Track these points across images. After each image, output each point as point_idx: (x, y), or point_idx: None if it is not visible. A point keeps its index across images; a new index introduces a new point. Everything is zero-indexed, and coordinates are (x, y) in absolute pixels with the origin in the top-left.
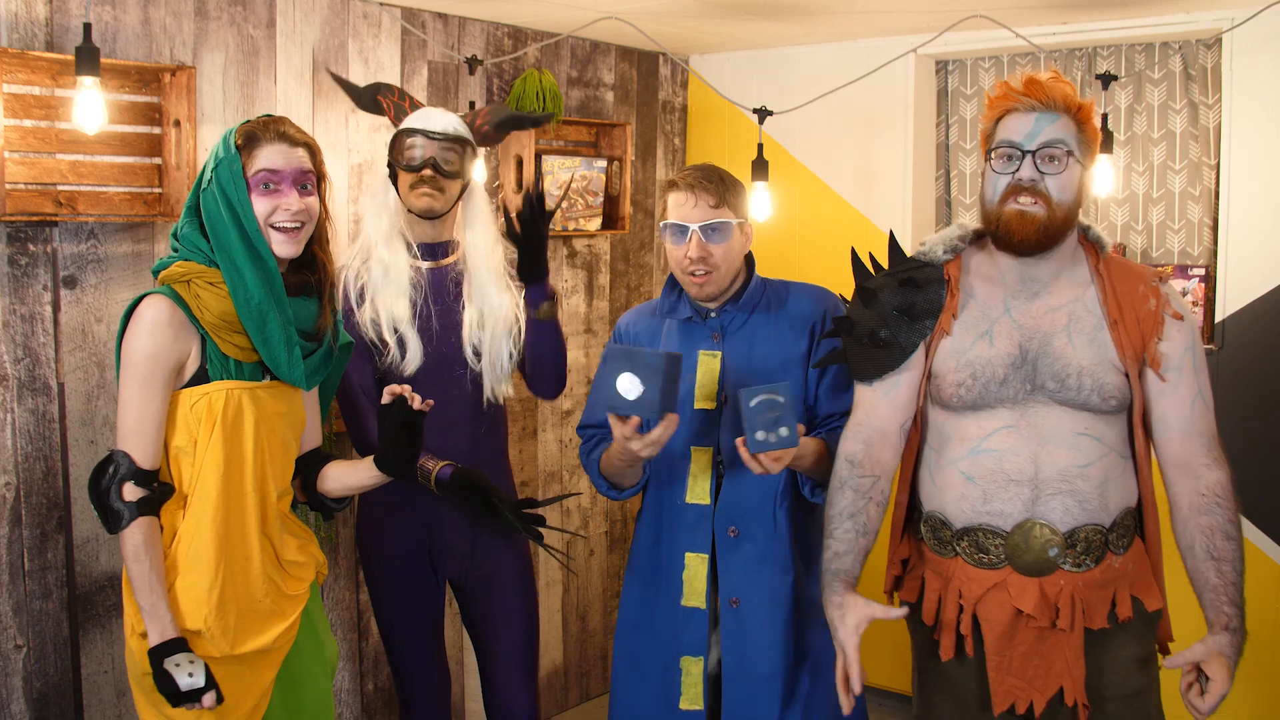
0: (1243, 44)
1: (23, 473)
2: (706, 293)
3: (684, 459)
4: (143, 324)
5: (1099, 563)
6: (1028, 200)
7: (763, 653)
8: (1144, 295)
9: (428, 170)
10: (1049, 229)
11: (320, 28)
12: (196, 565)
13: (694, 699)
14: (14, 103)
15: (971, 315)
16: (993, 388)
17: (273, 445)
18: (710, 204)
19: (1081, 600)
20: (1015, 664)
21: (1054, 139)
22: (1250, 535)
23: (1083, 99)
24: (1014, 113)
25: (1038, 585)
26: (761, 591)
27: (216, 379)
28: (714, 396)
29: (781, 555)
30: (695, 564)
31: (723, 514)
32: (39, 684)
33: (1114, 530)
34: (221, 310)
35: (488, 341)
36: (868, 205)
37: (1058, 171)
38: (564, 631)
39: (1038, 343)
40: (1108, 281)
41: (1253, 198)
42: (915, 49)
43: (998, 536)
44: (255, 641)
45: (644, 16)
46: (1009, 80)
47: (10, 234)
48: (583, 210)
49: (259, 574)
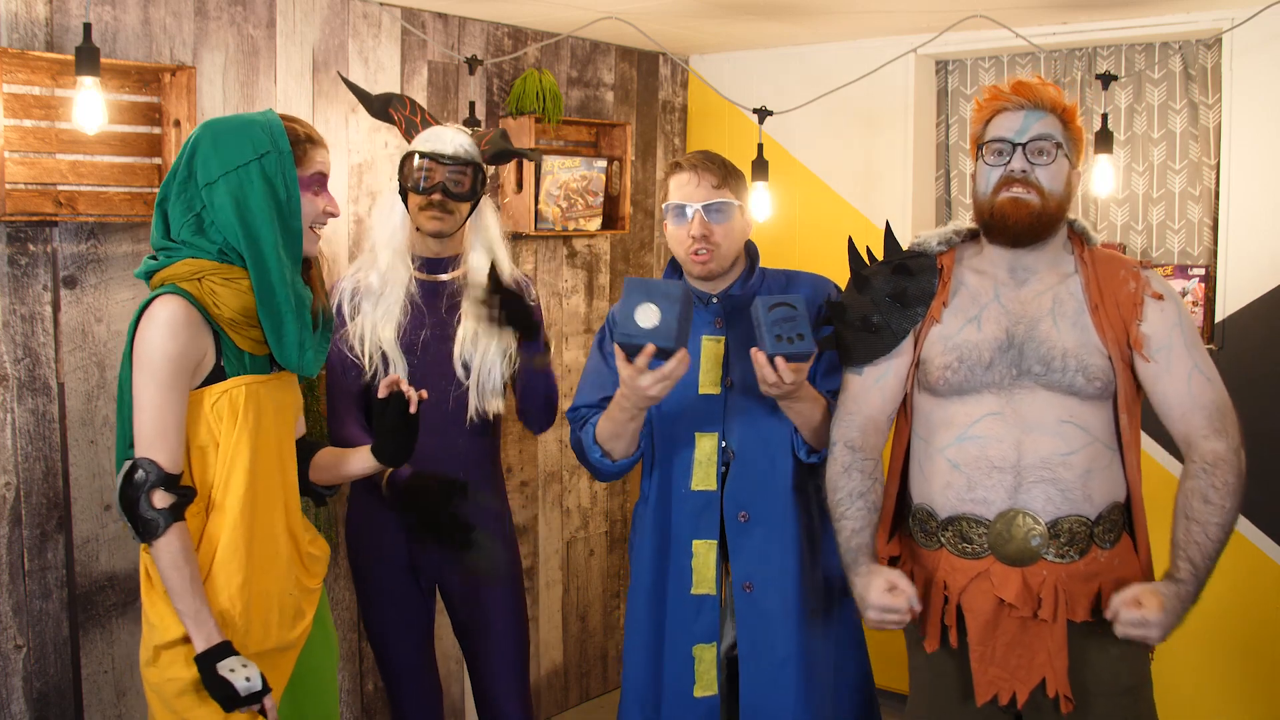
0: (1243, 44)
1: (23, 473)
2: (708, 270)
3: (689, 445)
4: (159, 326)
5: (1083, 555)
6: (1020, 190)
7: (779, 636)
8: (1124, 279)
9: (437, 195)
10: (1042, 216)
11: (320, 28)
12: (229, 564)
13: (708, 685)
14: (14, 103)
15: (961, 302)
16: (978, 371)
17: (287, 436)
18: (713, 184)
19: (1065, 591)
20: (998, 654)
21: (1043, 133)
22: (1250, 535)
23: (1067, 100)
24: (1004, 112)
25: (1020, 575)
26: (775, 575)
27: (234, 375)
28: (719, 382)
29: (792, 538)
30: (704, 551)
31: (731, 499)
32: (39, 684)
33: (1100, 524)
34: (241, 305)
35: (478, 358)
36: (868, 205)
37: (1047, 163)
38: (564, 631)
39: (1024, 327)
40: (1091, 269)
41: (1253, 198)
42: (915, 49)
43: (981, 525)
44: (285, 637)
45: (644, 16)
46: (997, 85)
47: (10, 234)
48: (583, 210)
49: (286, 568)
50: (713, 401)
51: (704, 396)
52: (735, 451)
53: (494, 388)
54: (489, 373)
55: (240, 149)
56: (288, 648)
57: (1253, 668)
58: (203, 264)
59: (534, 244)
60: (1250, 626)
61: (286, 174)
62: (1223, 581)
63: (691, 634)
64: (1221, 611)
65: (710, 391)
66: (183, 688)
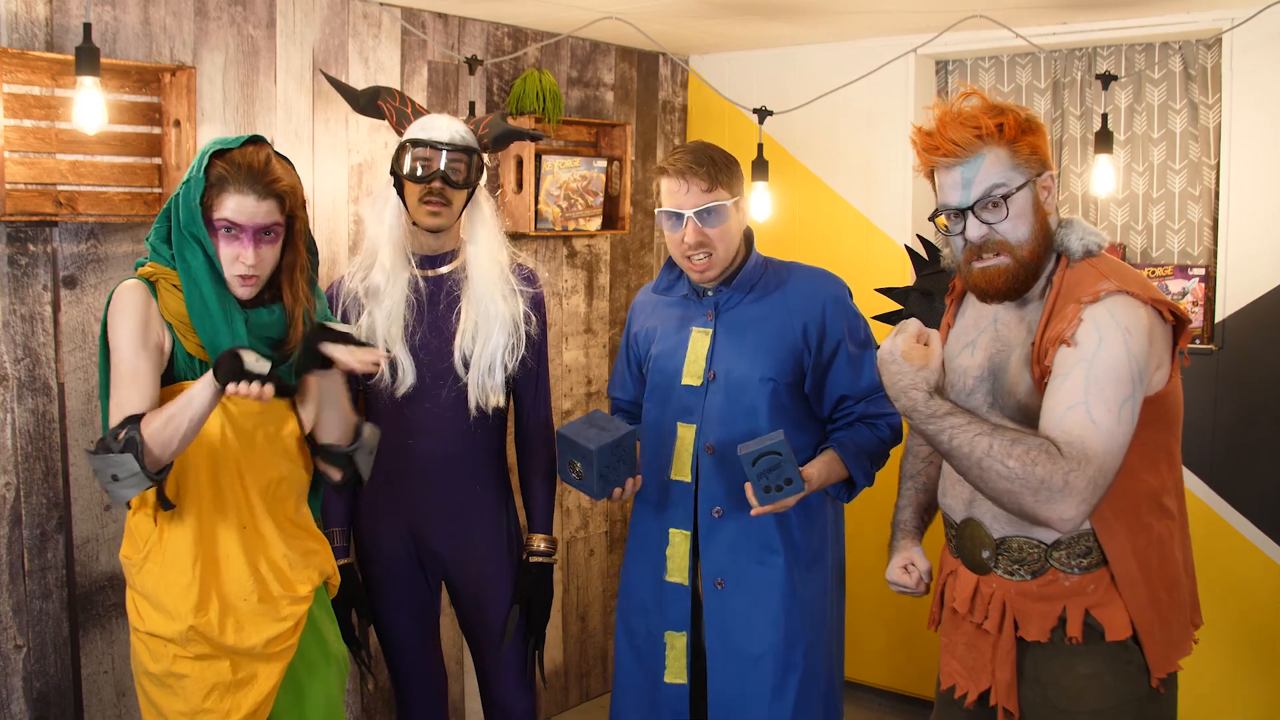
0: (1243, 44)
1: (23, 473)
2: (708, 277)
3: (672, 435)
4: (123, 300)
5: (1036, 576)
6: (990, 258)
7: (753, 634)
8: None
9: (436, 182)
10: (1018, 275)
11: (320, 28)
12: (176, 562)
13: (677, 673)
14: (14, 103)
15: (965, 325)
16: (962, 397)
17: (244, 443)
18: (703, 188)
19: (1014, 608)
20: (959, 650)
21: (986, 189)
22: (1250, 535)
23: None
24: (938, 168)
25: (975, 582)
26: (748, 574)
27: (183, 378)
28: (701, 374)
29: (768, 537)
30: (678, 540)
31: (706, 493)
32: (39, 684)
33: (1060, 549)
34: (180, 311)
35: (478, 351)
36: (868, 205)
37: (1003, 217)
38: (564, 631)
39: (1002, 357)
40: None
41: (1253, 198)
42: (915, 49)
43: (951, 528)
44: (243, 639)
45: (644, 16)
46: (921, 128)
47: (10, 234)
48: (583, 210)
49: (242, 571)
50: (694, 393)
51: (686, 388)
52: (714, 445)
53: (494, 382)
54: (489, 367)
55: (192, 166)
56: (265, 655)
57: (1254, 667)
58: (160, 268)
59: (534, 244)
60: (1251, 626)
61: (188, 204)
62: (1223, 582)
63: (665, 621)
64: (1222, 612)
65: (691, 383)
66: (152, 680)
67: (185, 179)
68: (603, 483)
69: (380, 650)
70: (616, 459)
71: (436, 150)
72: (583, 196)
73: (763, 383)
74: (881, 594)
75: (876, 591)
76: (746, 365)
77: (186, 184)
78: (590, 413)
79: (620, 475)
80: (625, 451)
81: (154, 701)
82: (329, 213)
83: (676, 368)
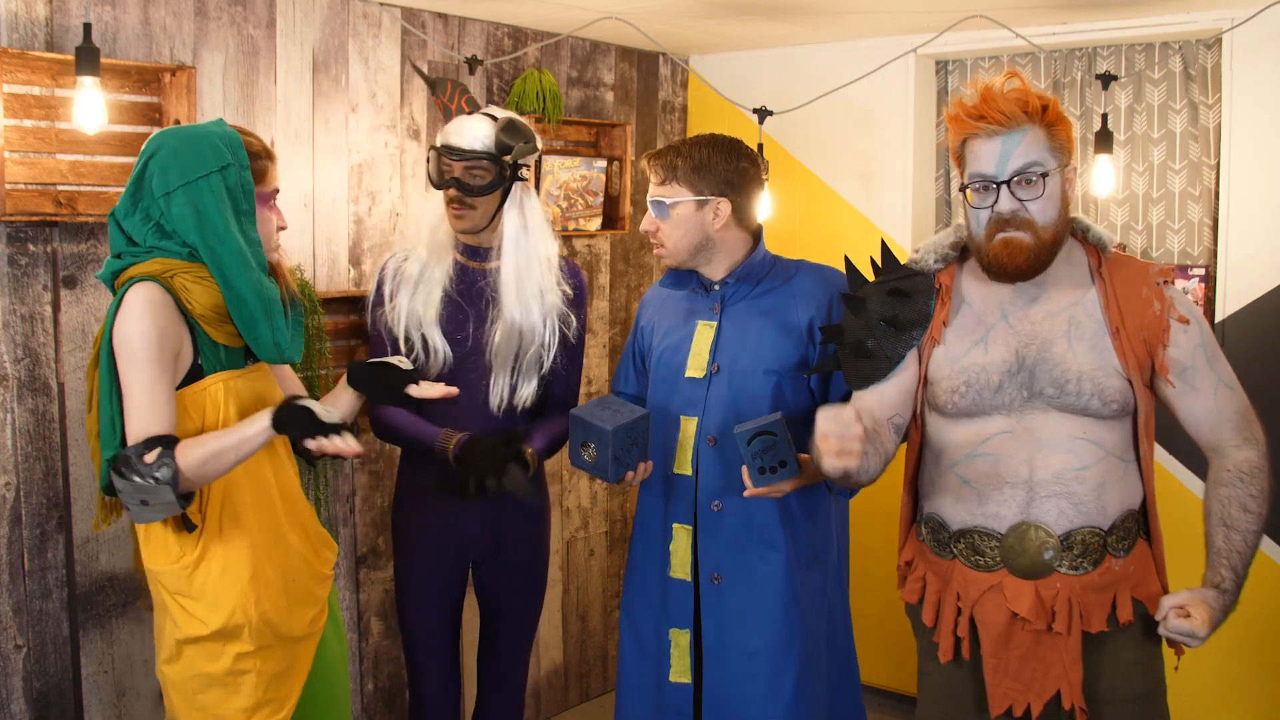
0: (1243, 44)
1: (23, 473)
2: (664, 264)
3: (675, 428)
4: (138, 308)
5: (1097, 565)
6: (1013, 231)
7: (750, 630)
8: (1147, 299)
9: (452, 190)
10: (1039, 254)
11: (320, 28)
12: (236, 556)
13: (682, 671)
14: (14, 103)
15: (966, 321)
16: (987, 394)
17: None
18: (657, 180)
19: (1079, 603)
20: (1012, 667)
21: (1025, 164)
22: None
23: (1043, 95)
24: (976, 138)
25: (1033, 588)
26: (746, 569)
27: (211, 372)
28: (705, 366)
29: (770, 533)
30: (680, 535)
31: (705, 487)
32: (39, 684)
33: (1113, 533)
34: (213, 302)
35: (503, 355)
36: (868, 205)
37: (1036, 195)
38: (564, 631)
39: (1036, 349)
40: (1110, 286)
41: (1253, 198)
42: (915, 49)
43: (993, 539)
44: (297, 625)
45: (644, 16)
46: (962, 99)
47: (10, 234)
48: (583, 210)
49: (290, 555)
50: (697, 385)
51: (689, 380)
52: (715, 437)
53: (526, 379)
54: (522, 364)
55: (201, 160)
56: (305, 637)
57: (1255, 667)
58: (173, 263)
59: None
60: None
61: (245, 186)
62: None
63: (669, 618)
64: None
65: (695, 375)
66: (208, 682)
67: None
68: (616, 465)
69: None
70: (631, 441)
71: (454, 158)
72: (583, 196)
73: (766, 375)
74: (882, 594)
75: (877, 591)
76: (750, 358)
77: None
78: (602, 396)
79: (633, 458)
80: (639, 434)
81: (206, 706)
82: (329, 213)
83: (681, 361)
